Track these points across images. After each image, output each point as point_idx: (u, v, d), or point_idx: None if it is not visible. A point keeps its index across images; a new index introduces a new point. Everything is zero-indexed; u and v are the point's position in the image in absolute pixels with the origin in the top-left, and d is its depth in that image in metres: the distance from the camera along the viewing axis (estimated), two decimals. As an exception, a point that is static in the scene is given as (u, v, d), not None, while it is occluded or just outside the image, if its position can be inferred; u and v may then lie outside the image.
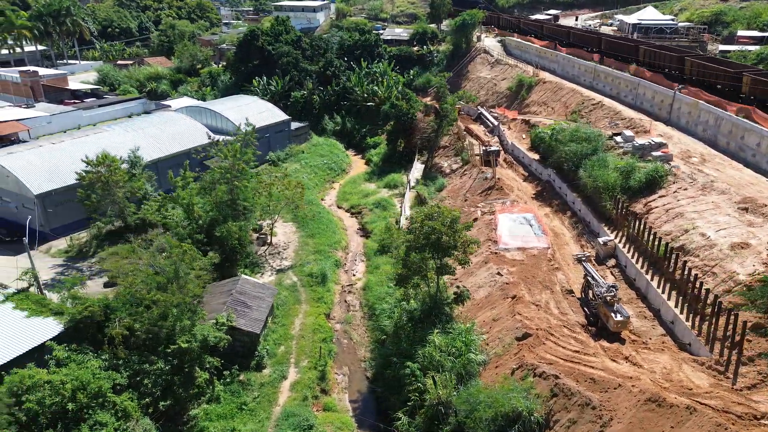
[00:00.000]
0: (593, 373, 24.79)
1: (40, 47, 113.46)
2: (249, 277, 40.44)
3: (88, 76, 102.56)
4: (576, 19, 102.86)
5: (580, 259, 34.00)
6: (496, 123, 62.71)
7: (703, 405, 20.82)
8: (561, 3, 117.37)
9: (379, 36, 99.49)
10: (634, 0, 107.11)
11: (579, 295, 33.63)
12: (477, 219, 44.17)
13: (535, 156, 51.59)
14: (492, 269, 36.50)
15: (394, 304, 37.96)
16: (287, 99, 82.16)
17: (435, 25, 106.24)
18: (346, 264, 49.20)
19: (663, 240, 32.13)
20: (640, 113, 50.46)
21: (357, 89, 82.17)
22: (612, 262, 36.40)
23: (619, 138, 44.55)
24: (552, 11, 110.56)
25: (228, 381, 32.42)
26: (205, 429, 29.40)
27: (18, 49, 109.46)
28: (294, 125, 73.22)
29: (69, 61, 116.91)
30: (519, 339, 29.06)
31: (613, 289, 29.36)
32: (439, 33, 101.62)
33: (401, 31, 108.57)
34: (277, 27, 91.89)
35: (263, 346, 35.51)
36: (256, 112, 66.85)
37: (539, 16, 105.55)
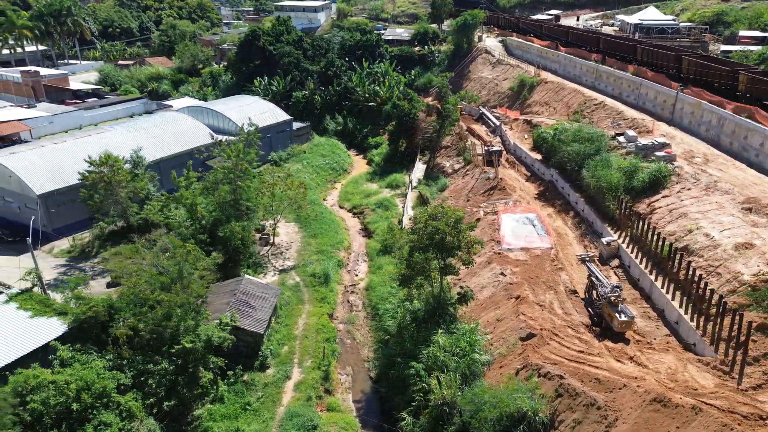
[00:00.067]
0: (598, 374, 24.78)
1: (41, 47, 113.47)
2: (252, 278, 40.42)
3: (89, 76, 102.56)
4: (577, 20, 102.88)
5: (584, 260, 34.00)
6: (498, 123, 62.73)
7: (709, 405, 20.80)
8: (562, 3, 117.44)
9: (381, 36, 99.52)
10: (635, 0, 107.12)
11: (583, 296, 33.62)
12: (480, 219, 44.17)
13: (538, 156, 51.59)
14: (495, 269, 36.50)
15: (397, 304, 37.95)
16: (289, 99, 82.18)
17: (436, 25, 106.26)
18: (348, 264, 49.20)
19: (667, 240, 32.11)
20: (642, 113, 50.47)
21: (358, 89, 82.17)
22: (615, 262, 36.40)
23: (622, 138, 44.55)
24: (553, 11, 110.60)
25: (232, 381, 32.41)
26: (209, 429, 29.40)
27: (19, 49, 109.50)
28: (296, 125, 73.23)
29: (70, 61, 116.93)
30: (523, 339, 29.05)
31: (618, 290, 29.35)
32: (441, 33, 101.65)
33: (402, 31, 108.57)
34: (279, 27, 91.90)
35: (267, 346, 35.49)
36: (257, 112, 66.83)
37: (540, 16, 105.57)
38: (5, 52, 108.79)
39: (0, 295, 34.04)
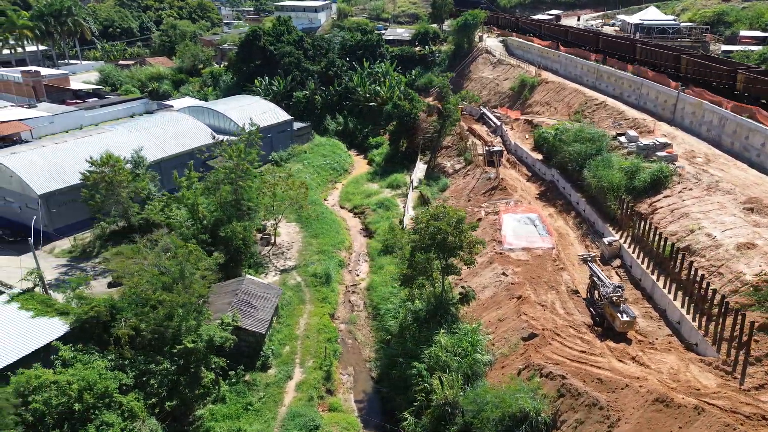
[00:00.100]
0: (600, 374, 24.77)
1: (41, 47, 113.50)
2: (254, 278, 40.42)
3: (89, 76, 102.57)
4: (578, 20, 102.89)
5: (585, 260, 33.96)
6: (498, 123, 62.73)
7: (711, 405, 20.79)
8: (563, 3, 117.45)
9: (381, 36, 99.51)
10: (636, 0, 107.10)
11: (584, 296, 33.59)
12: (481, 219, 44.16)
13: (539, 156, 51.59)
14: (497, 269, 36.49)
15: (398, 304, 37.93)
16: (289, 99, 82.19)
17: (437, 25, 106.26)
18: (349, 264, 49.19)
19: (668, 240, 32.09)
20: (643, 113, 50.47)
21: (359, 89, 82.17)
22: (617, 262, 36.39)
23: (624, 138, 44.54)
24: (554, 11, 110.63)
25: (233, 381, 32.41)
26: (211, 429, 29.40)
27: (19, 49, 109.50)
28: (296, 125, 73.23)
29: (70, 61, 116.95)
30: (525, 339, 29.05)
31: (620, 290, 29.33)
32: (441, 33, 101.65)
33: (403, 31, 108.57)
34: (279, 27, 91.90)
35: (268, 346, 35.50)
36: (258, 112, 66.84)
37: (541, 16, 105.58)
38: (6, 52, 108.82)
39: (1, 295, 34.04)
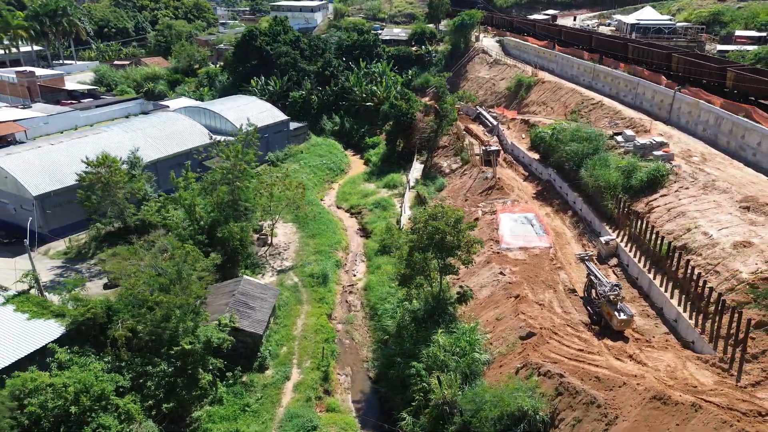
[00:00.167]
0: (598, 372, 24.84)
1: (36, 47, 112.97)
2: (251, 278, 40.33)
3: (84, 76, 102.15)
4: (574, 19, 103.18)
5: (583, 259, 34.03)
6: (495, 123, 62.75)
7: (708, 402, 20.89)
8: (559, 3, 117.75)
9: (378, 36, 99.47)
10: (632, 0, 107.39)
11: (582, 294, 33.67)
12: (478, 219, 44.17)
13: (536, 156, 51.63)
14: (495, 269, 36.52)
15: (396, 304, 37.89)
16: (286, 99, 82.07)
17: (433, 25, 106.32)
18: (346, 264, 49.13)
19: (665, 239, 32.18)
20: (640, 113, 50.60)
21: (356, 89, 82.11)
22: (614, 261, 36.46)
23: (620, 137, 44.63)
24: (550, 11, 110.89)
25: (231, 382, 32.28)
26: (209, 431, 29.27)
27: (14, 50, 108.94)
28: (293, 125, 73.11)
29: (65, 62, 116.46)
30: (523, 338, 29.09)
31: (617, 288, 29.41)
32: (438, 33, 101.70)
33: (400, 31, 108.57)
34: (276, 27, 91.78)
35: (266, 347, 35.39)
36: (255, 112, 66.69)
37: (537, 16, 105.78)
38: (0, 52, 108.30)
39: (-3, 297, 33.85)
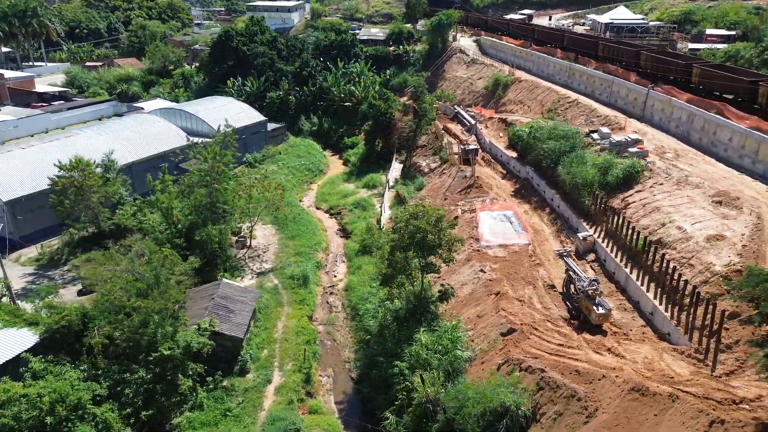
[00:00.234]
0: (578, 366, 25.13)
1: (4, 49, 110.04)
2: (230, 281, 39.89)
3: (55, 78, 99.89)
4: (549, 19, 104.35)
5: (561, 255, 34.44)
6: (473, 122, 63.13)
7: (685, 392, 21.26)
8: (535, 3, 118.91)
9: (355, 36, 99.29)
10: (606, 0, 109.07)
11: (561, 290, 34.06)
12: (458, 217, 44.39)
13: (513, 154, 52.09)
14: (475, 266, 36.74)
15: (378, 303, 37.84)
16: (263, 100, 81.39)
17: (411, 25, 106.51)
18: (327, 265, 48.92)
19: (641, 234, 32.75)
20: (614, 110, 51.41)
21: (334, 89, 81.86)
22: (591, 256, 36.98)
23: (596, 135, 45.28)
24: (526, 11, 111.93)
25: (211, 387, 31.84)
26: (189, 437, 28.91)
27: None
28: (270, 126, 72.54)
29: (35, 63, 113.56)
30: (504, 334, 29.30)
31: (595, 283, 29.83)
32: (415, 33, 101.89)
33: (377, 31, 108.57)
34: (252, 27, 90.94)
35: (246, 350, 35.04)
36: (232, 113, 65.98)
37: (513, 15, 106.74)
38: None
39: (-34, 306, 32.85)
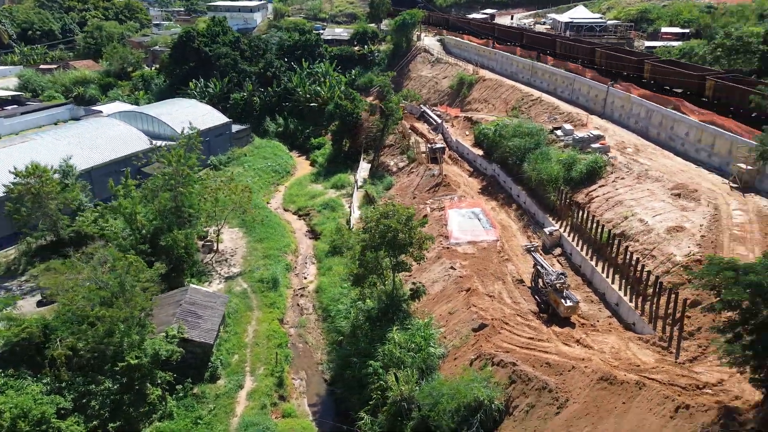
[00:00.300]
0: (548, 358, 25.60)
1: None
2: (198, 287, 39.14)
3: (7, 81, 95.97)
4: (511, 18, 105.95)
5: (529, 250, 35.00)
6: (439, 121, 63.59)
7: (651, 380, 21.91)
8: (497, 2, 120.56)
9: (320, 36, 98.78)
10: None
11: (529, 284, 34.61)
12: (427, 215, 44.56)
13: (480, 152, 52.70)
14: (445, 264, 37.02)
15: (349, 304, 37.72)
16: (226, 101, 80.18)
17: (375, 25, 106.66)
18: (297, 267, 48.52)
19: (605, 227, 33.57)
20: (577, 108, 52.58)
21: (299, 90, 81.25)
22: (558, 250, 37.72)
23: (560, 132, 46.21)
24: (488, 10, 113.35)
25: (181, 395, 31.17)
26: (160, 447, 28.24)
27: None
28: (235, 128, 71.54)
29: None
30: (475, 330, 29.61)
31: (563, 277, 30.43)
32: (380, 32, 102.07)
33: (341, 31, 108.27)
34: (214, 28, 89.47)
35: (216, 356, 34.44)
36: (195, 115, 64.69)
37: (476, 15, 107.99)
38: None
39: None
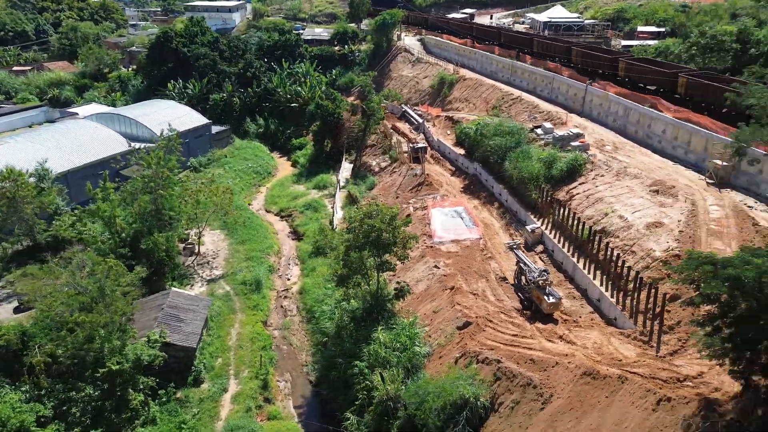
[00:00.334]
0: (532, 354, 25.85)
1: None
2: (180, 290, 38.71)
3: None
4: (491, 18, 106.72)
5: (511, 247, 35.29)
6: (420, 120, 63.80)
7: (633, 373, 22.26)
8: (476, 2, 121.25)
9: (300, 36, 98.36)
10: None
11: (512, 282, 34.93)
12: (410, 215, 44.67)
13: (461, 151, 53.00)
14: (429, 263, 37.17)
15: (334, 305, 37.65)
16: (206, 102, 79.35)
17: (355, 25, 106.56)
18: (280, 269, 48.27)
19: (586, 224, 34.01)
20: (556, 106, 53.16)
21: (279, 90, 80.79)
22: (540, 248, 38.11)
23: (540, 130, 46.70)
24: (468, 10, 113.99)
25: (164, 400, 30.84)
26: (143, 453, 27.86)
27: None
28: (215, 129, 70.85)
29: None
30: (460, 328, 29.78)
31: (545, 274, 30.75)
32: (360, 32, 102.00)
33: (321, 31, 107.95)
34: (192, 28, 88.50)
35: (200, 360, 34.13)
36: (174, 116, 63.91)
37: (456, 14, 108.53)
38: None
39: None
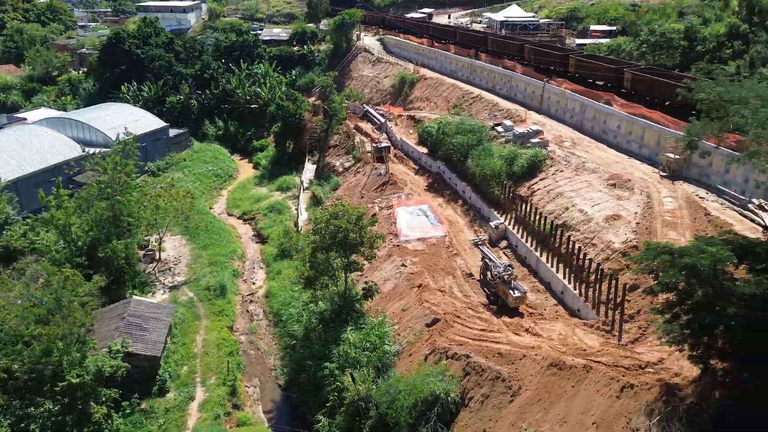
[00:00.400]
0: (500, 348, 26.27)
1: None
2: (141, 298, 37.65)
3: None
4: (449, 17, 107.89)
5: (476, 244, 35.78)
6: (383, 120, 63.95)
7: (597, 362, 22.90)
8: (434, 2, 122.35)
9: (258, 36, 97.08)
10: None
11: (478, 277, 35.38)
12: (376, 214, 44.73)
13: (424, 150, 53.42)
14: (396, 261, 37.31)
15: (301, 307, 37.32)
16: (162, 105, 77.48)
17: (314, 25, 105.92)
18: (244, 273, 47.55)
19: (547, 218, 34.79)
20: (515, 104, 54.18)
21: (238, 91, 79.59)
22: (504, 243, 38.78)
23: (500, 128, 47.52)
24: (426, 10, 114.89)
25: (128, 412, 29.98)
26: (108, 467, 26.97)
27: None
28: (172, 132, 69.28)
29: None
30: (429, 325, 29.99)
31: (510, 268, 31.28)
32: (319, 32, 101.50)
33: (280, 31, 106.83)
34: (146, 29, 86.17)
35: (164, 368, 33.32)
36: (129, 120, 62.05)
37: (414, 14, 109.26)
38: None
39: None
